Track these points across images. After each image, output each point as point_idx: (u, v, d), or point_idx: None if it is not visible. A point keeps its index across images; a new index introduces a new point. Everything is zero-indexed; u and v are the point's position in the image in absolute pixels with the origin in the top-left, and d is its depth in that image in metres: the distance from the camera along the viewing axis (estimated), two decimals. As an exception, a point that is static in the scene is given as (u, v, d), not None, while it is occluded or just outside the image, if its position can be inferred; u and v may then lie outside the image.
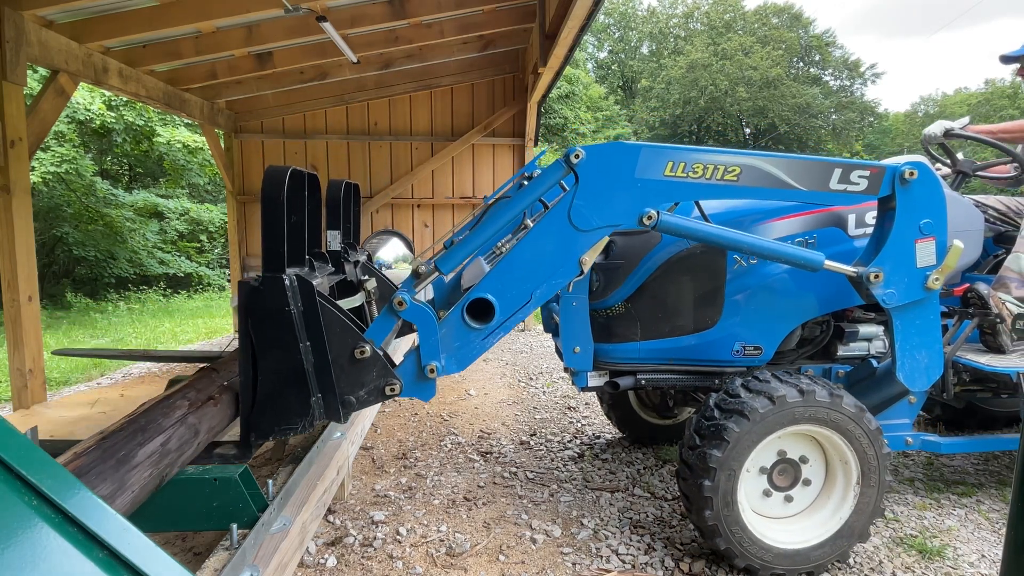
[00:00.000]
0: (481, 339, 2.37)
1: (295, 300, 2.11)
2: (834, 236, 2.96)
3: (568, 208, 2.35)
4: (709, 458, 2.53)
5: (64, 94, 5.06)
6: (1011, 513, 0.99)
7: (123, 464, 1.72)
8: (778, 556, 2.63)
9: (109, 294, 13.86)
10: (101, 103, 12.80)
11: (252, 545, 1.98)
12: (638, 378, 3.13)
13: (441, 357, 2.34)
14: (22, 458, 0.76)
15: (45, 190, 12.32)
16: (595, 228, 2.36)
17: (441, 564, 2.80)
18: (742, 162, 2.42)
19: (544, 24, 5.94)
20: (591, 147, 2.37)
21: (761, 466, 2.68)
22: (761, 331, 3.03)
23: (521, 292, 2.36)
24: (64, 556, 0.73)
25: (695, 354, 3.08)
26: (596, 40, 47.00)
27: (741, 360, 3.07)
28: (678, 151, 2.40)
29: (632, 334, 3.12)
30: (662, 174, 2.38)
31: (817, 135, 41.91)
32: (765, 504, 2.72)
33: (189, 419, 2.12)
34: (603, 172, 2.36)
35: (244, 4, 5.17)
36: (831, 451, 2.70)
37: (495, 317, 2.35)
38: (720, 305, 3.02)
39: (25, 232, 4.56)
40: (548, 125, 25.32)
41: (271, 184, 2.14)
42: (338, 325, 2.19)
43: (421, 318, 2.32)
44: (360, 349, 2.21)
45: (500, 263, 2.39)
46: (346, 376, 2.22)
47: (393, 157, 8.77)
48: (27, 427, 2.46)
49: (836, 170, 2.47)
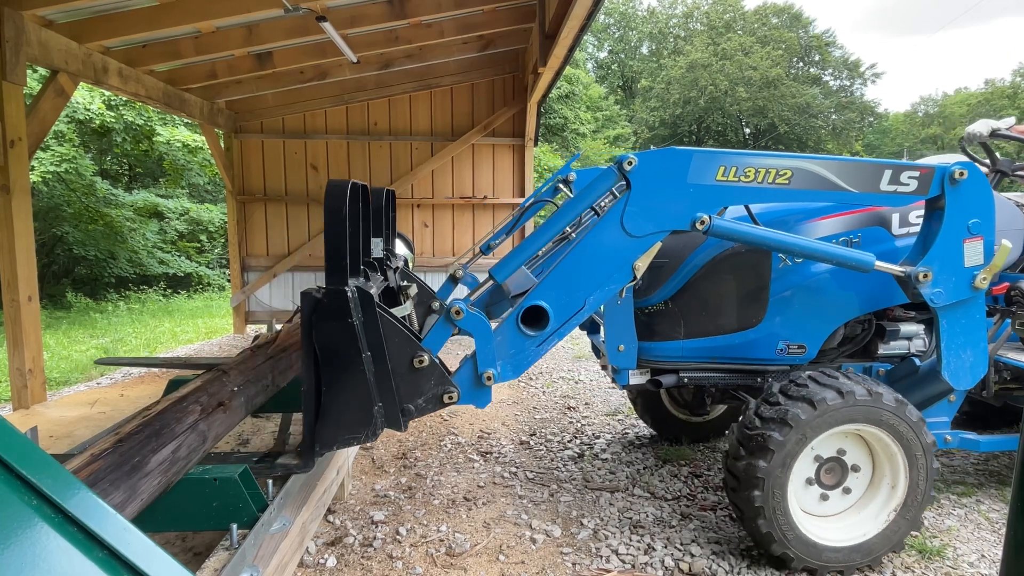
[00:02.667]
0: (536, 346, 2.40)
1: (357, 311, 2.13)
2: (878, 235, 2.99)
3: (621, 214, 2.37)
4: (756, 469, 2.53)
5: (64, 94, 5.05)
6: (1011, 513, 0.99)
7: (136, 471, 1.73)
8: (835, 553, 2.66)
9: (109, 294, 13.86)
10: (101, 103, 12.80)
11: (252, 545, 1.98)
12: (680, 376, 3.16)
13: (497, 364, 2.37)
14: (22, 458, 0.76)
15: (45, 190, 12.32)
16: (648, 234, 2.39)
17: (441, 564, 2.80)
18: (794, 165, 2.44)
19: (544, 24, 5.94)
20: (644, 153, 2.39)
21: (813, 457, 2.70)
22: (805, 330, 3.06)
23: (575, 299, 2.40)
24: (64, 556, 0.73)
25: (739, 353, 3.11)
26: (596, 40, 46.98)
27: (785, 359, 3.10)
28: (730, 155, 2.42)
29: (675, 332, 3.15)
30: (714, 179, 2.40)
31: (817, 135, 41.90)
32: (815, 504, 2.74)
33: (200, 426, 2.11)
34: (656, 178, 2.38)
35: (244, 4, 5.17)
36: (876, 446, 2.72)
37: (549, 324, 2.38)
38: (764, 304, 3.04)
39: (25, 232, 4.56)
40: (548, 125, 25.31)
41: (333, 198, 2.16)
42: (397, 335, 2.21)
43: (478, 326, 2.35)
44: (419, 358, 2.24)
45: (554, 271, 2.41)
46: (405, 385, 2.25)
47: (393, 157, 8.77)
48: (27, 427, 2.46)
49: (886, 171, 2.50)
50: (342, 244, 2.16)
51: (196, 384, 2.35)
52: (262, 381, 2.71)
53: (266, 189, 8.64)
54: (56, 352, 7.90)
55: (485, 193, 8.95)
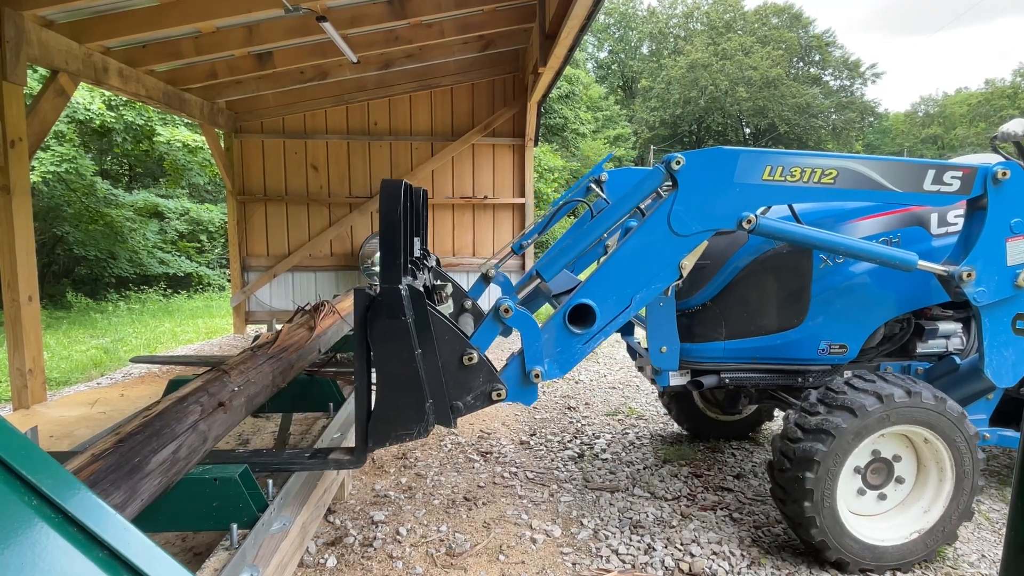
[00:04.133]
0: (582, 344, 2.42)
1: (409, 309, 2.16)
2: (917, 235, 3.02)
3: (668, 214, 2.40)
4: (804, 481, 2.55)
5: (64, 94, 5.06)
6: (1011, 513, 0.99)
7: (137, 471, 1.73)
8: (870, 551, 2.67)
9: (109, 294, 13.85)
10: (101, 103, 12.79)
11: (252, 545, 1.98)
12: (722, 377, 3.17)
13: (544, 362, 2.40)
14: (22, 458, 0.76)
15: (45, 190, 12.32)
16: (695, 233, 2.42)
17: (441, 564, 2.80)
18: (839, 165, 2.47)
19: (544, 24, 5.94)
20: (691, 153, 2.42)
21: (856, 464, 2.71)
22: (846, 330, 3.09)
23: (621, 297, 2.42)
24: (64, 556, 0.73)
25: (780, 353, 3.13)
26: (596, 40, 46.99)
27: (827, 358, 3.12)
28: (776, 155, 2.45)
29: (716, 334, 3.17)
30: (760, 178, 2.43)
31: (817, 135, 41.91)
32: (858, 501, 2.76)
33: (200, 426, 2.11)
34: (703, 178, 2.41)
35: (244, 4, 5.17)
36: (925, 452, 2.73)
37: (596, 322, 2.41)
38: (806, 304, 3.07)
39: (25, 232, 4.56)
40: (548, 125, 25.30)
41: (389, 198, 2.19)
42: (447, 332, 2.25)
43: (526, 324, 2.38)
44: (468, 355, 2.27)
45: (600, 269, 2.44)
46: (455, 382, 2.28)
47: (393, 157, 8.77)
48: (27, 427, 2.46)
49: (930, 171, 2.53)
50: (397, 243, 2.20)
51: (196, 384, 2.34)
52: (263, 381, 2.71)
53: (266, 189, 8.64)
54: (56, 352, 7.90)
55: (485, 193, 8.95)
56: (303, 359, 3.24)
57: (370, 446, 2.24)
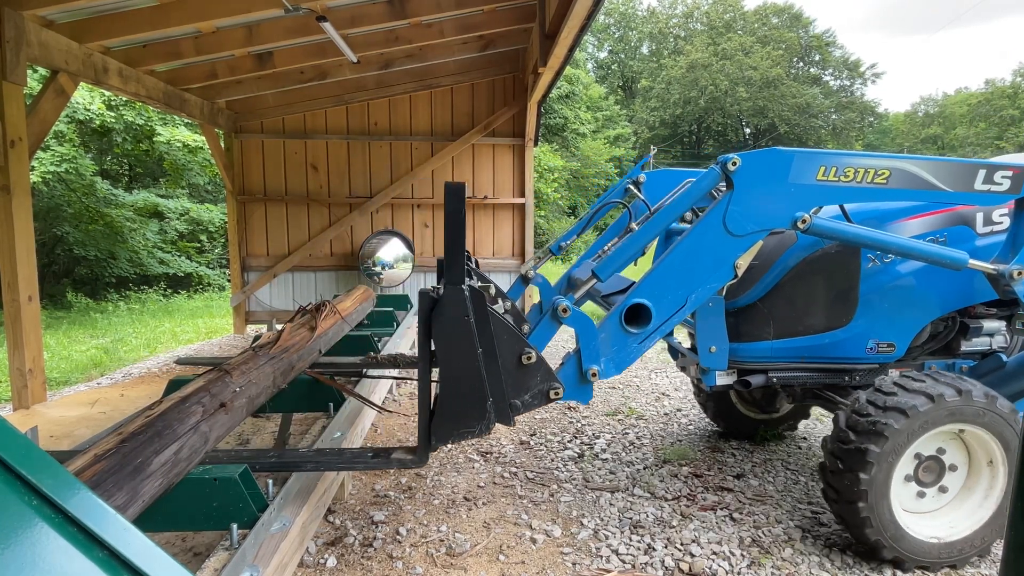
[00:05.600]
0: (638, 343, 2.46)
1: (471, 309, 2.20)
2: (963, 234, 3.05)
3: (723, 214, 2.43)
4: (868, 453, 2.58)
5: (64, 94, 5.05)
6: (1011, 513, 0.99)
7: (139, 473, 1.73)
8: (925, 548, 2.70)
9: (109, 294, 13.85)
10: (101, 103, 12.79)
11: (252, 545, 1.98)
12: (769, 376, 3.20)
13: (601, 361, 2.43)
14: (22, 458, 0.76)
15: (45, 190, 12.32)
16: (750, 233, 2.45)
17: (441, 564, 2.80)
18: (892, 165, 2.51)
19: (544, 24, 5.93)
20: (747, 154, 2.46)
21: (908, 463, 2.73)
22: (894, 328, 3.13)
23: (676, 297, 2.45)
24: (64, 556, 0.73)
25: (829, 352, 3.16)
26: (596, 40, 46.99)
27: (874, 357, 3.16)
28: (830, 156, 2.49)
29: (765, 333, 3.19)
30: (814, 179, 2.46)
31: (817, 135, 41.92)
32: (911, 499, 2.78)
33: (201, 427, 2.11)
34: (758, 178, 2.44)
35: (244, 4, 5.17)
36: (976, 449, 2.75)
37: (652, 322, 2.44)
38: (854, 303, 3.10)
39: (25, 232, 4.56)
40: (548, 125, 25.31)
41: (454, 199, 2.23)
42: (506, 332, 2.29)
43: (583, 324, 2.42)
44: (526, 354, 2.31)
45: (655, 269, 2.47)
46: (513, 381, 2.32)
47: (393, 157, 8.77)
48: (27, 427, 2.46)
49: (981, 171, 2.57)
50: (462, 244, 2.23)
51: (198, 384, 2.34)
52: (264, 382, 2.71)
53: (266, 189, 8.64)
54: (56, 352, 7.90)
55: (485, 193, 8.95)
56: (304, 359, 3.24)
57: (433, 444, 2.28)
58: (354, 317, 4.61)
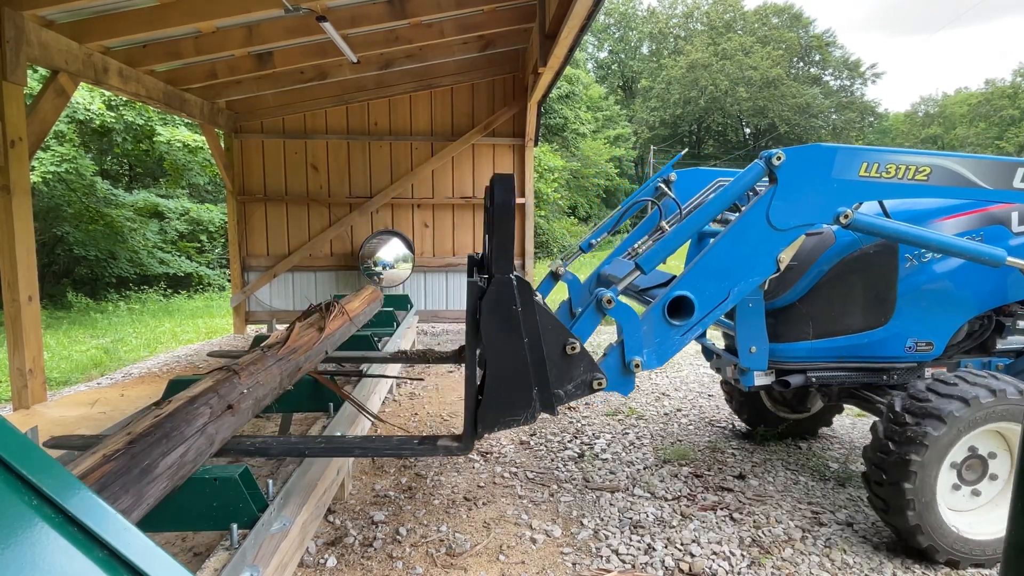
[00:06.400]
0: (680, 335, 2.49)
1: (518, 299, 2.22)
2: (998, 233, 3.08)
3: (767, 208, 2.46)
4: (909, 463, 2.59)
5: (64, 94, 5.05)
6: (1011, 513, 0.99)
7: (146, 475, 1.72)
8: (978, 547, 2.71)
9: (109, 294, 13.86)
10: (101, 103, 12.80)
11: (252, 545, 1.98)
12: (808, 376, 3.22)
13: (643, 352, 2.45)
14: (22, 458, 0.76)
15: (45, 190, 12.32)
16: (793, 227, 2.49)
17: (441, 564, 2.80)
18: (933, 162, 2.54)
19: (544, 24, 5.93)
20: (791, 149, 2.49)
21: (952, 462, 2.73)
22: (932, 327, 3.16)
23: (719, 290, 2.48)
24: (64, 556, 0.73)
25: (868, 351, 3.19)
26: (596, 40, 46.99)
27: (913, 356, 3.19)
28: (872, 152, 2.53)
29: (804, 333, 3.22)
30: (857, 175, 2.50)
31: (817, 135, 41.93)
32: (956, 498, 2.79)
33: (208, 429, 2.10)
34: (802, 173, 2.48)
35: (244, 4, 5.17)
36: (1014, 442, 2.76)
37: (694, 314, 2.47)
38: (892, 303, 3.13)
39: (25, 232, 4.56)
40: (548, 125, 25.31)
41: (505, 191, 2.26)
42: (551, 322, 2.30)
43: (626, 315, 2.44)
44: (571, 345, 2.32)
45: (699, 262, 2.50)
46: (557, 370, 2.33)
47: (393, 157, 8.77)
48: (27, 427, 2.46)
49: (1020, 169, 2.61)
50: (512, 235, 2.25)
51: (207, 384, 2.32)
52: (271, 384, 2.69)
53: (266, 189, 8.64)
54: (56, 352, 7.90)
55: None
56: (310, 361, 3.23)
57: (479, 431, 2.30)
58: (361, 319, 4.59)
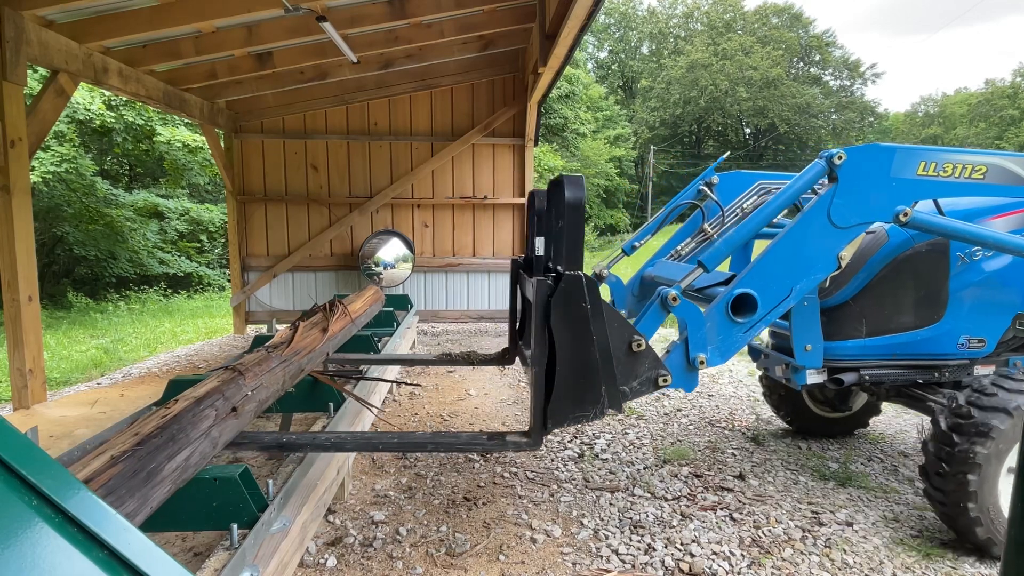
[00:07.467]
0: (743, 332, 2.52)
1: (587, 296, 2.26)
2: None
3: (828, 207, 2.51)
4: (975, 455, 2.61)
5: (64, 94, 5.06)
6: (1011, 513, 0.99)
7: (151, 479, 1.72)
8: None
9: (109, 294, 13.86)
10: (101, 103, 12.80)
11: (252, 545, 1.98)
12: (861, 374, 3.25)
13: (707, 349, 2.48)
14: (22, 458, 0.76)
15: (45, 190, 12.32)
16: (853, 225, 2.53)
17: (441, 564, 2.80)
18: (989, 162, 2.60)
19: (544, 24, 5.94)
20: (852, 149, 2.54)
21: (1014, 458, 2.75)
22: (984, 324, 3.20)
23: (782, 287, 2.52)
24: (64, 556, 0.73)
25: (920, 349, 3.23)
26: (596, 40, 46.99)
27: (966, 353, 3.23)
28: (930, 151, 2.58)
29: (857, 331, 3.25)
30: (915, 173, 2.55)
31: (817, 135, 41.94)
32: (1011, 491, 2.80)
33: (213, 432, 2.09)
34: (862, 172, 2.53)
35: (244, 4, 5.17)
36: None
37: (757, 311, 2.50)
38: (945, 301, 3.18)
39: (25, 232, 4.56)
40: (548, 125, 25.32)
41: (575, 189, 2.31)
42: (616, 319, 2.33)
43: (691, 313, 2.48)
44: (636, 342, 2.35)
45: (760, 260, 2.54)
46: (623, 367, 2.36)
47: (393, 157, 8.77)
48: (27, 427, 2.46)
49: None
50: (582, 233, 2.31)
51: (213, 384, 2.31)
52: (274, 386, 2.69)
53: (266, 189, 8.64)
54: (56, 352, 7.90)
55: (485, 193, 8.96)
56: (313, 362, 3.23)
57: (549, 427, 2.32)
58: (362, 319, 4.59)
